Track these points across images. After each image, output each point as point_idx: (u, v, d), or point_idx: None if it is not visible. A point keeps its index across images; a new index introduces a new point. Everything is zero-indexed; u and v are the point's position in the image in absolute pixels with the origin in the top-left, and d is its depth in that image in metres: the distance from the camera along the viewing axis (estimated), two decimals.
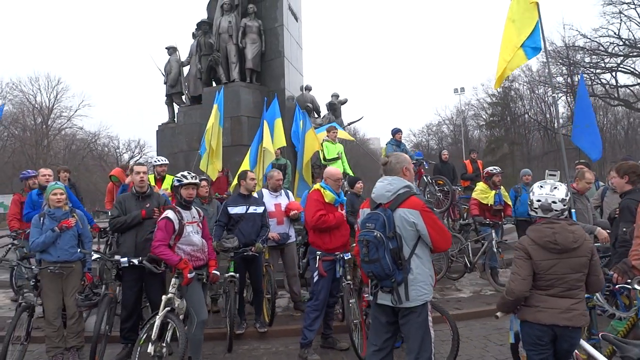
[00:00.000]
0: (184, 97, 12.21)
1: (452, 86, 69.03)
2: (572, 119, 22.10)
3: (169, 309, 3.80)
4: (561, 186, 2.83)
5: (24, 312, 4.28)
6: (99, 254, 4.81)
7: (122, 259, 4.33)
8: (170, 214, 4.03)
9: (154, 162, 6.54)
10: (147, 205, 4.58)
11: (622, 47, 26.58)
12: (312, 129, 8.06)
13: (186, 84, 12.11)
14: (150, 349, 3.61)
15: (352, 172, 8.54)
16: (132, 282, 4.50)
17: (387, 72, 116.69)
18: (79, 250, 4.46)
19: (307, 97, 12.07)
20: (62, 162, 32.14)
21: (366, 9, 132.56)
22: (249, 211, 5.20)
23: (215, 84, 11.49)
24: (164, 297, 3.85)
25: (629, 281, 3.28)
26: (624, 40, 26.27)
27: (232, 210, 5.19)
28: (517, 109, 37.20)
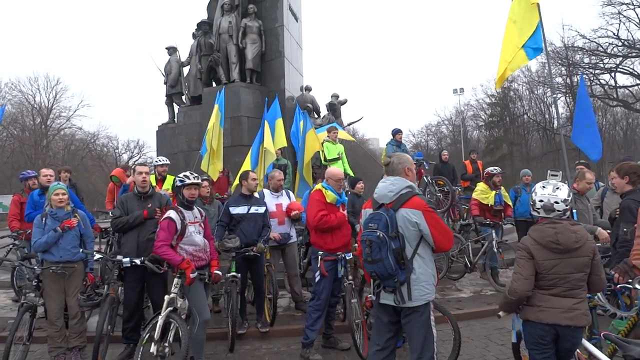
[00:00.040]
0: (184, 97, 12.20)
1: (452, 87, 68.96)
2: (571, 119, 22.20)
3: (172, 309, 3.81)
4: (563, 186, 2.85)
5: (27, 313, 4.28)
6: (101, 254, 4.81)
7: (124, 259, 4.34)
8: (172, 214, 4.04)
9: (155, 162, 6.55)
10: (149, 205, 4.58)
11: (621, 48, 26.64)
12: (313, 129, 8.07)
13: (186, 84, 12.10)
14: (152, 349, 3.63)
15: (352, 173, 8.56)
16: (134, 282, 4.51)
17: (386, 72, 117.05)
18: (81, 250, 4.47)
19: (307, 98, 12.08)
20: (61, 162, 32.13)
21: (366, 10, 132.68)
22: (250, 211, 5.21)
23: (215, 84, 11.49)
24: (166, 297, 3.86)
25: (630, 281, 3.29)
26: (623, 41, 26.33)
27: (234, 210, 5.20)
28: (516, 110, 37.23)
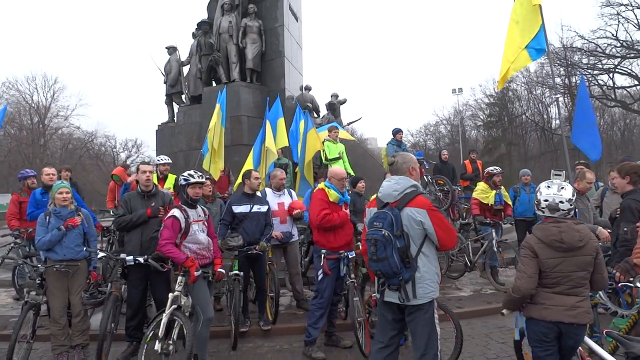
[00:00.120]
0: (183, 96, 12.22)
1: (450, 86, 69.23)
2: (569, 119, 22.28)
3: (176, 306, 3.82)
4: (568, 186, 2.89)
5: (30, 311, 4.28)
6: (105, 252, 4.82)
7: (128, 257, 4.35)
8: (176, 212, 4.05)
9: (157, 161, 6.56)
10: (153, 204, 4.60)
11: (620, 49, 26.69)
12: (314, 129, 8.09)
13: (186, 84, 12.12)
14: (157, 347, 3.64)
15: (353, 172, 8.58)
16: (137, 280, 4.53)
17: (385, 72, 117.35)
18: (85, 248, 4.48)
19: (306, 97, 12.09)
20: (58, 161, 32.06)
21: (366, 10, 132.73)
22: (253, 210, 5.24)
23: (215, 83, 11.51)
24: (170, 295, 3.87)
25: (631, 279, 3.34)
26: (621, 41, 26.39)
27: (237, 209, 5.22)
28: (515, 110, 37.29)
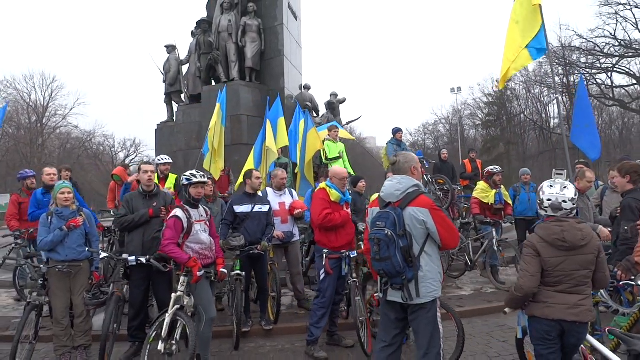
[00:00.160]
0: (183, 95, 12.19)
1: (449, 85, 69.33)
2: (567, 118, 22.32)
3: (179, 306, 3.83)
4: (570, 185, 2.91)
5: (33, 312, 4.29)
6: (107, 253, 4.82)
7: (130, 257, 4.35)
8: (179, 212, 4.05)
9: (158, 160, 6.55)
10: (155, 204, 4.60)
11: (618, 48, 26.78)
12: (314, 128, 8.09)
13: (185, 83, 12.09)
14: (160, 347, 3.65)
15: (353, 171, 8.59)
16: (139, 280, 4.53)
17: (384, 71, 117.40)
18: (87, 249, 4.48)
19: (306, 96, 12.10)
20: (57, 161, 31.99)
21: (365, 9, 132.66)
22: (254, 210, 5.24)
23: (214, 82, 11.49)
24: (173, 295, 3.87)
25: (633, 278, 3.36)
26: (619, 41, 26.48)
27: (238, 209, 5.23)
28: (513, 109, 37.41)
